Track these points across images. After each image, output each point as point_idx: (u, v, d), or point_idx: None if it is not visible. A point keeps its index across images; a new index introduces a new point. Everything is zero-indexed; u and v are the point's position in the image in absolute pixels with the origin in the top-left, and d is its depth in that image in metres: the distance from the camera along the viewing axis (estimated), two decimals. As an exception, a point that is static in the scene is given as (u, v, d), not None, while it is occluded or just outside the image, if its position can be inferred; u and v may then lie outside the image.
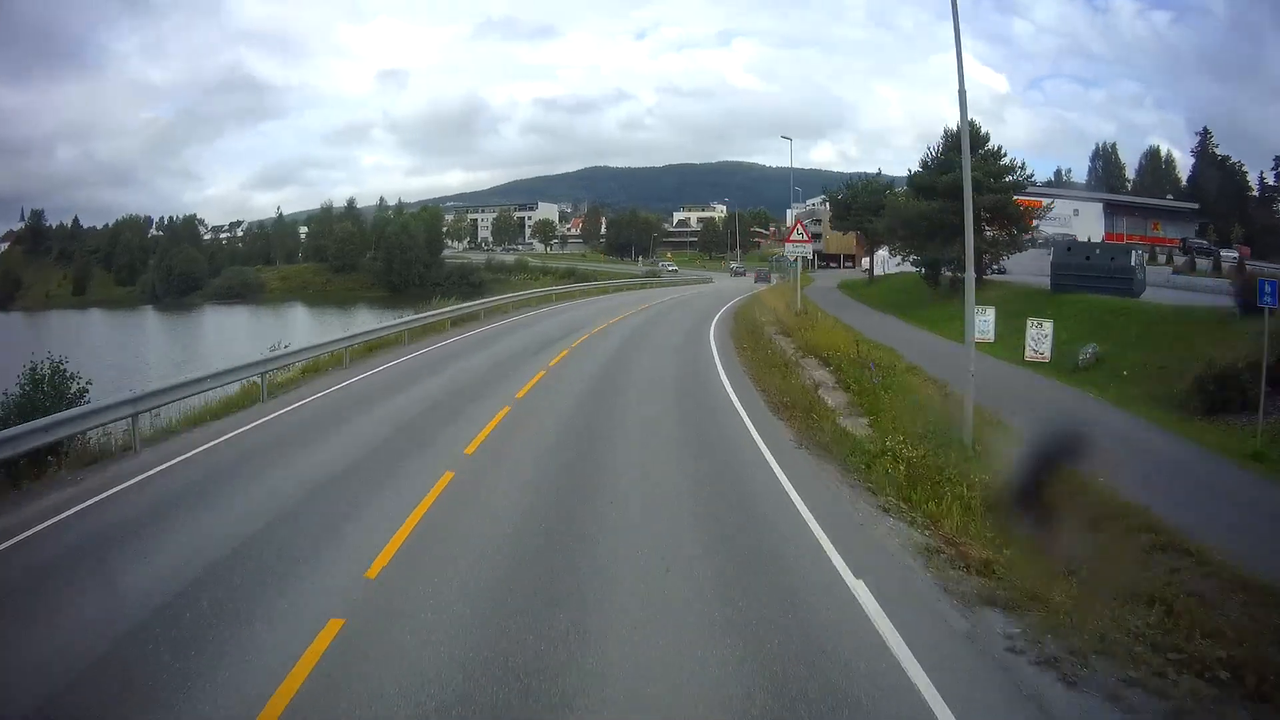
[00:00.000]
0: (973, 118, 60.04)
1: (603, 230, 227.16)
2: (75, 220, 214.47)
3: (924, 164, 60.75)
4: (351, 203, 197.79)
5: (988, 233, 51.19)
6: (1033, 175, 58.69)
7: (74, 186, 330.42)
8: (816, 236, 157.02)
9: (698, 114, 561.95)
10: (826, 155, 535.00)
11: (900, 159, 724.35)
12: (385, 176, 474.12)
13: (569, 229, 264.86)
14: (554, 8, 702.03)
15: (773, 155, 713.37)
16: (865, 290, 75.99)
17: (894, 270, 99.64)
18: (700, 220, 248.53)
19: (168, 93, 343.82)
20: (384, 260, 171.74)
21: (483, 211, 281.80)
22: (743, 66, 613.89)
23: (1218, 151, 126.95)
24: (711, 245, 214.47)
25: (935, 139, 63.77)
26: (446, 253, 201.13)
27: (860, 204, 79.92)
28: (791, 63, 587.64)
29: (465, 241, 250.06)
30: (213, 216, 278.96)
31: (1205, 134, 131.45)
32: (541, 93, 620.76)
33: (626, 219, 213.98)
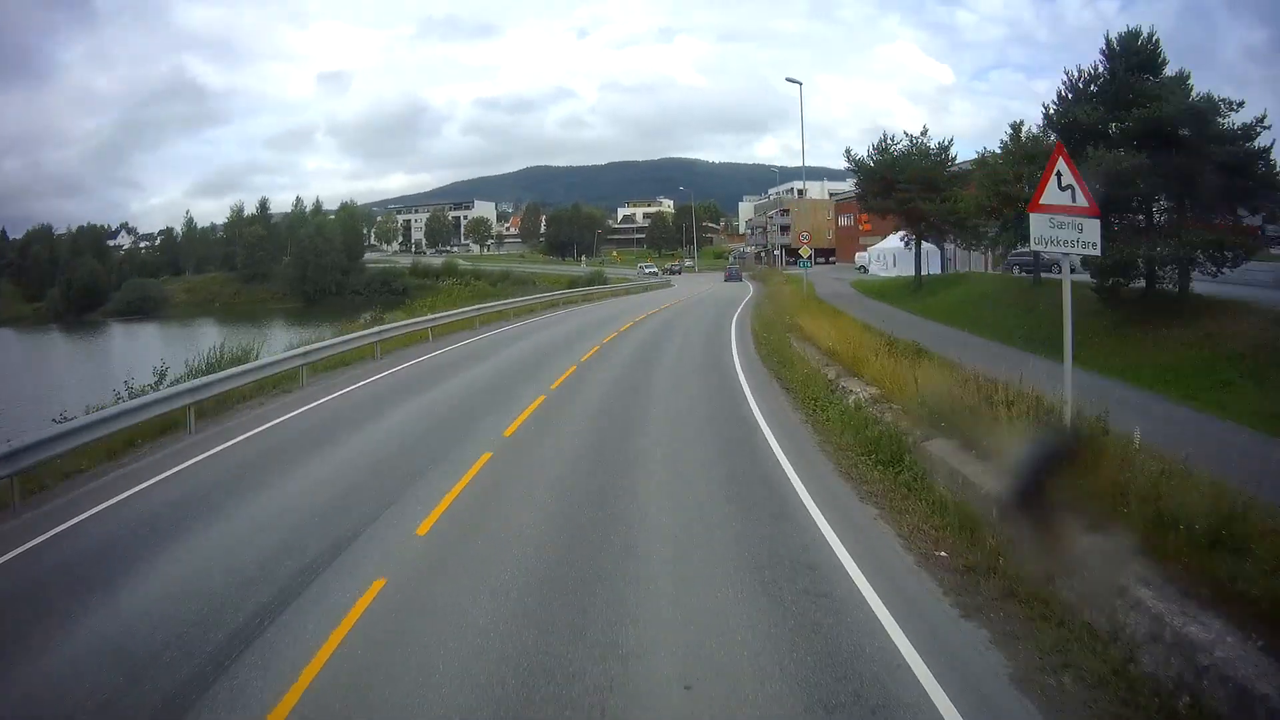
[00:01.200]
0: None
1: (542, 229, 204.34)
2: (2, 232, 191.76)
3: (1071, 92, 34.87)
4: (264, 204, 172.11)
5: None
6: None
7: (19, 198, 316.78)
8: (784, 229, 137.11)
9: (640, 110, 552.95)
10: (771, 150, 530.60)
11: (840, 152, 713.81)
12: (328, 180, 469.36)
13: (508, 228, 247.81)
14: (495, 6, 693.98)
15: (716, 151, 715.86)
16: (931, 303, 48.43)
17: (888, 272, 79.91)
18: (647, 216, 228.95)
19: (113, 101, 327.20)
20: (296, 267, 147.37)
21: (416, 212, 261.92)
22: (685, 62, 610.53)
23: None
24: (661, 241, 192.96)
25: (879, 132, 45.61)
26: (374, 256, 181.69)
27: (906, 177, 54.61)
28: (734, 57, 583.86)
29: (397, 244, 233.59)
30: (156, 225, 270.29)
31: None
32: (483, 93, 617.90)
33: (567, 215, 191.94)
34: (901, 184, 53.15)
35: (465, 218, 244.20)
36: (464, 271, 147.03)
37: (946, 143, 56.20)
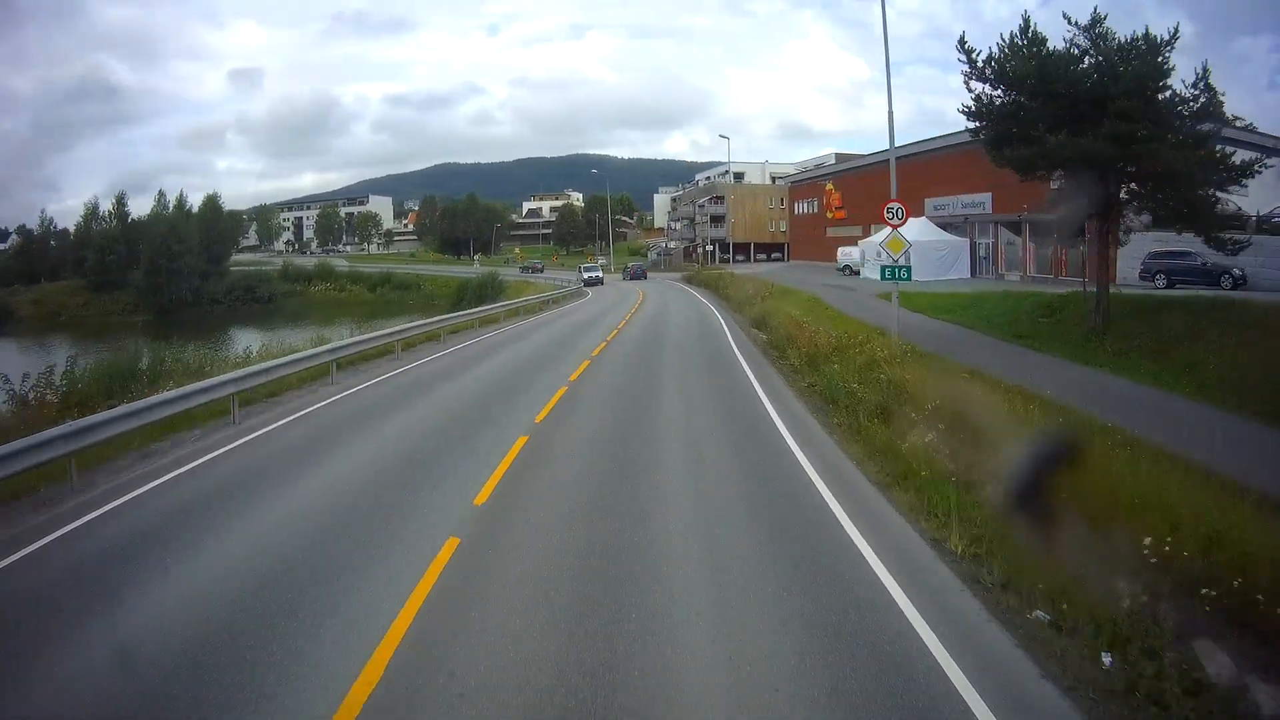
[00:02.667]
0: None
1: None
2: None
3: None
4: (120, 199, 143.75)
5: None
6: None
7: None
8: (717, 220, 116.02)
9: (550, 107, 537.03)
10: (680, 146, 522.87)
11: (754, 148, 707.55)
12: (239, 180, 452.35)
13: (405, 224, 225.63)
14: (406, 3, 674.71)
15: (626, 147, 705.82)
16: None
17: (928, 278, 58.73)
18: (554, 210, 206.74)
19: (28, 101, 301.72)
20: (149, 273, 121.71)
21: (308, 209, 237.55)
22: (596, 58, 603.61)
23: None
24: (569, 238, 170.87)
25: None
26: (253, 257, 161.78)
27: (1123, 88, 24.54)
28: (645, 53, 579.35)
29: (281, 243, 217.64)
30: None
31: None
32: (393, 89, 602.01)
33: (462, 209, 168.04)
34: (1117, 100, 24.18)
35: (356, 214, 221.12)
36: (340, 275, 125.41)
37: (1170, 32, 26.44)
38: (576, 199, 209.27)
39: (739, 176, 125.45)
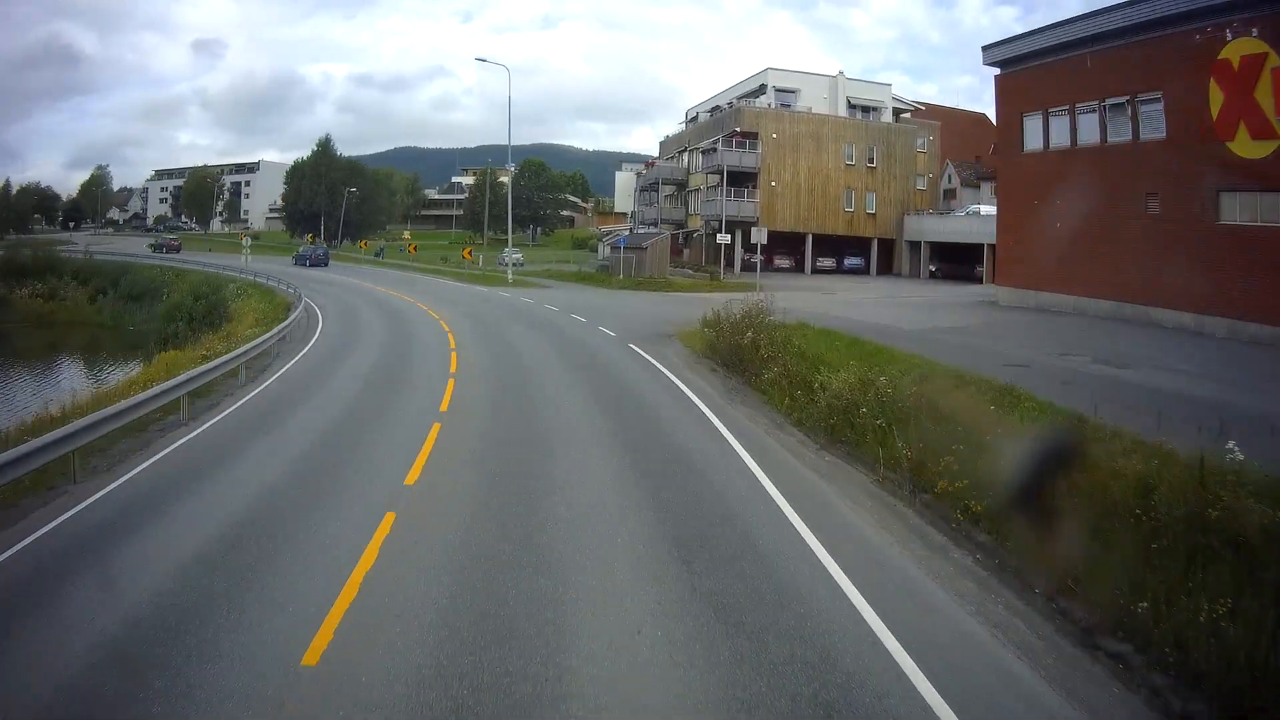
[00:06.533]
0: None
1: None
2: None
3: None
4: None
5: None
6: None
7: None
8: (740, 184, 53.98)
9: (517, 94, 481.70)
10: (646, 140, 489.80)
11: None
12: (200, 155, 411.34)
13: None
14: None
15: (588, 139, 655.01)
16: None
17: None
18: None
19: None
20: None
21: (174, 178, 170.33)
22: (565, 48, 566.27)
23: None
24: (494, 220, 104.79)
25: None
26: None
27: None
28: (615, 46, 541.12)
29: (124, 217, 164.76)
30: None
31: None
32: (357, 69, 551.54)
33: (311, 166, 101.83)
34: None
35: (247, 182, 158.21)
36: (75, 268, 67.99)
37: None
38: (512, 171, 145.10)
39: (785, 102, 63.42)
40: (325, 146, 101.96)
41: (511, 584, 8.06)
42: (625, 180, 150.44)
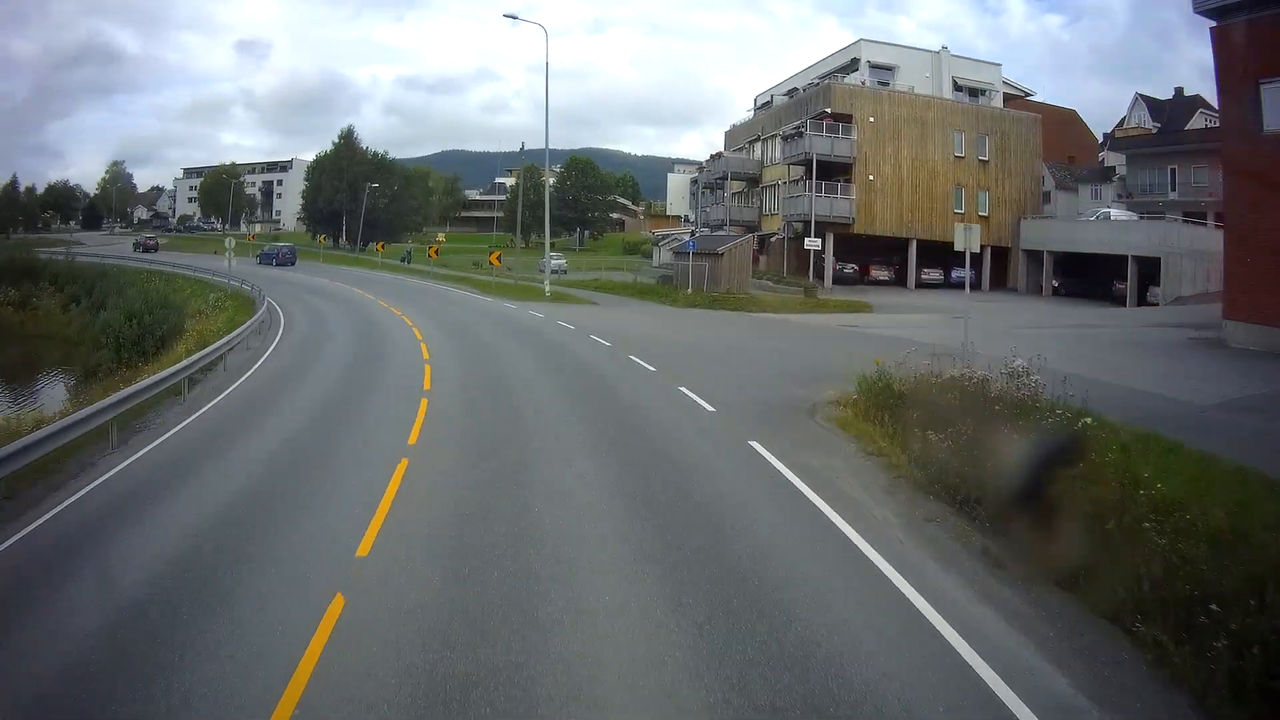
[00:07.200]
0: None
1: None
2: None
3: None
4: None
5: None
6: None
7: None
8: (834, 177, 43.84)
9: (565, 98, 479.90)
10: (694, 146, 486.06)
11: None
12: (245, 156, 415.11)
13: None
14: None
15: (637, 144, 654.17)
16: None
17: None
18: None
19: (27, 64, 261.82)
20: None
21: (203, 177, 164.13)
22: (615, 53, 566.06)
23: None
24: (535, 221, 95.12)
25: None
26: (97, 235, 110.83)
27: None
28: (664, 51, 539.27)
29: (144, 214, 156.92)
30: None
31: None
32: (404, 70, 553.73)
33: (332, 160, 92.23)
34: None
35: (279, 182, 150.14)
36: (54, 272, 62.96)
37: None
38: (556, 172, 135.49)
39: (882, 80, 52.95)
40: (348, 138, 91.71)
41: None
42: (678, 182, 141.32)
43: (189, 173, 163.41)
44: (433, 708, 5.82)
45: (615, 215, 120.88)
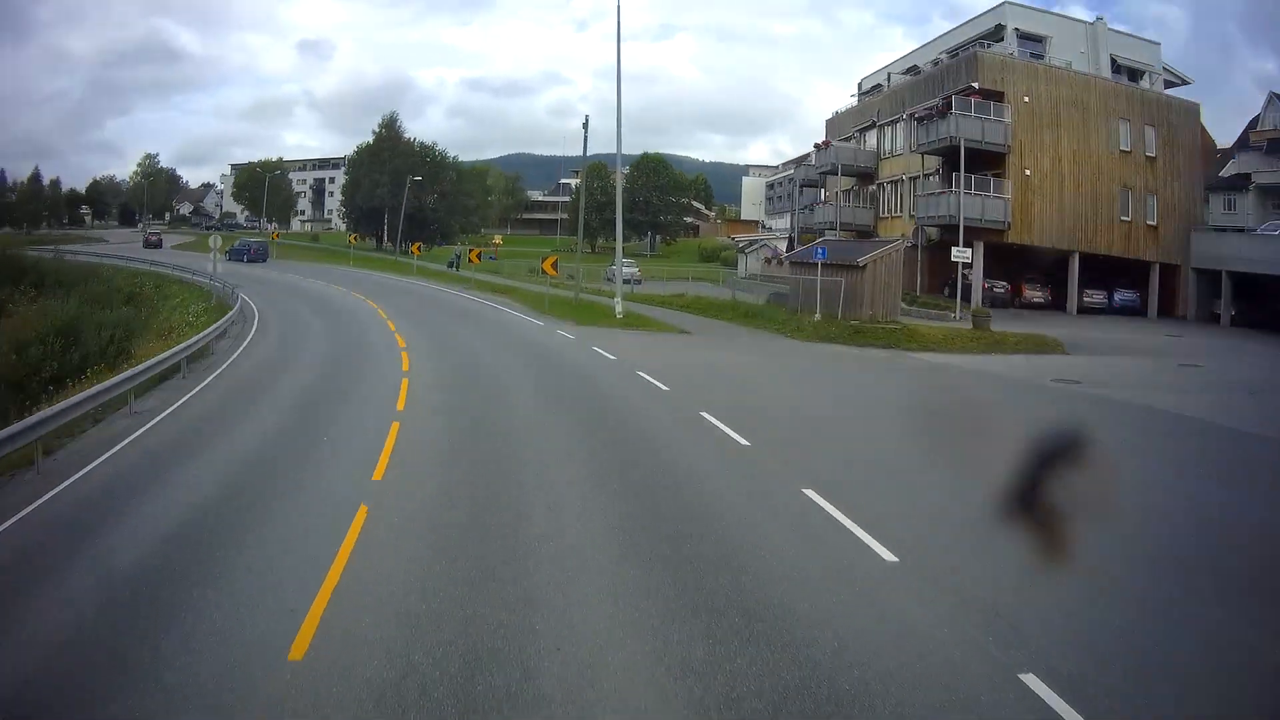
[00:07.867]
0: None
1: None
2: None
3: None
4: None
5: None
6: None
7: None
8: (986, 170, 33.68)
9: (632, 103, 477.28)
10: (762, 154, 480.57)
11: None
12: (308, 155, 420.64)
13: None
14: None
15: (708, 150, 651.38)
16: None
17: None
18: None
19: (84, 61, 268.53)
20: None
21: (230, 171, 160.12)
22: (682, 59, 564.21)
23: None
24: (602, 225, 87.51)
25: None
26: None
27: None
28: (732, 58, 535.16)
29: (186, 210, 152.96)
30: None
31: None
32: (470, 73, 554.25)
33: (373, 153, 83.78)
34: None
35: (331, 179, 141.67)
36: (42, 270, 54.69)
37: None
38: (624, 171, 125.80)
39: (1035, 53, 43.08)
40: (390, 127, 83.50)
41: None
42: (752, 186, 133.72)
43: (236, 169, 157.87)
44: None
45: (688, 219, 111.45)
